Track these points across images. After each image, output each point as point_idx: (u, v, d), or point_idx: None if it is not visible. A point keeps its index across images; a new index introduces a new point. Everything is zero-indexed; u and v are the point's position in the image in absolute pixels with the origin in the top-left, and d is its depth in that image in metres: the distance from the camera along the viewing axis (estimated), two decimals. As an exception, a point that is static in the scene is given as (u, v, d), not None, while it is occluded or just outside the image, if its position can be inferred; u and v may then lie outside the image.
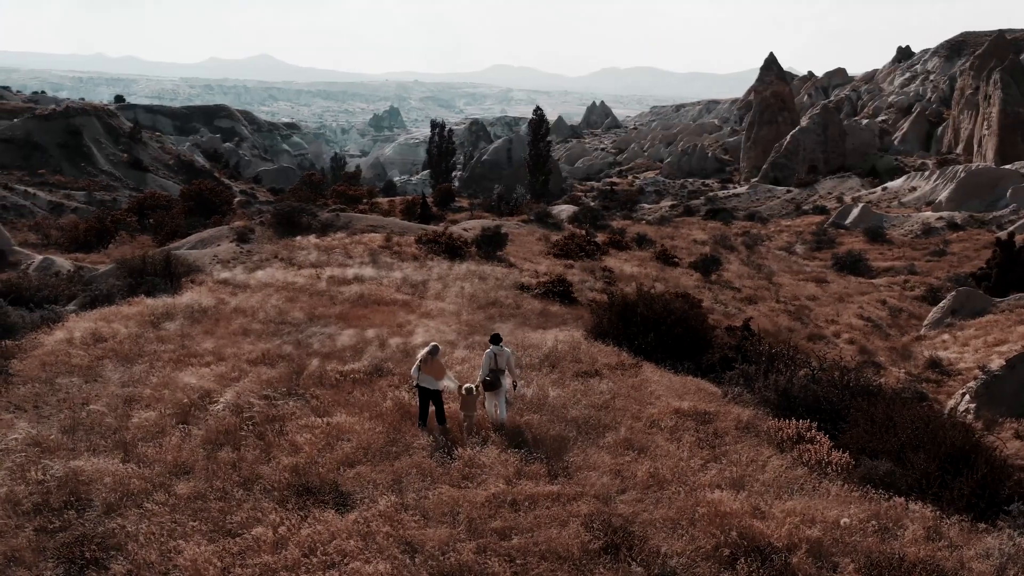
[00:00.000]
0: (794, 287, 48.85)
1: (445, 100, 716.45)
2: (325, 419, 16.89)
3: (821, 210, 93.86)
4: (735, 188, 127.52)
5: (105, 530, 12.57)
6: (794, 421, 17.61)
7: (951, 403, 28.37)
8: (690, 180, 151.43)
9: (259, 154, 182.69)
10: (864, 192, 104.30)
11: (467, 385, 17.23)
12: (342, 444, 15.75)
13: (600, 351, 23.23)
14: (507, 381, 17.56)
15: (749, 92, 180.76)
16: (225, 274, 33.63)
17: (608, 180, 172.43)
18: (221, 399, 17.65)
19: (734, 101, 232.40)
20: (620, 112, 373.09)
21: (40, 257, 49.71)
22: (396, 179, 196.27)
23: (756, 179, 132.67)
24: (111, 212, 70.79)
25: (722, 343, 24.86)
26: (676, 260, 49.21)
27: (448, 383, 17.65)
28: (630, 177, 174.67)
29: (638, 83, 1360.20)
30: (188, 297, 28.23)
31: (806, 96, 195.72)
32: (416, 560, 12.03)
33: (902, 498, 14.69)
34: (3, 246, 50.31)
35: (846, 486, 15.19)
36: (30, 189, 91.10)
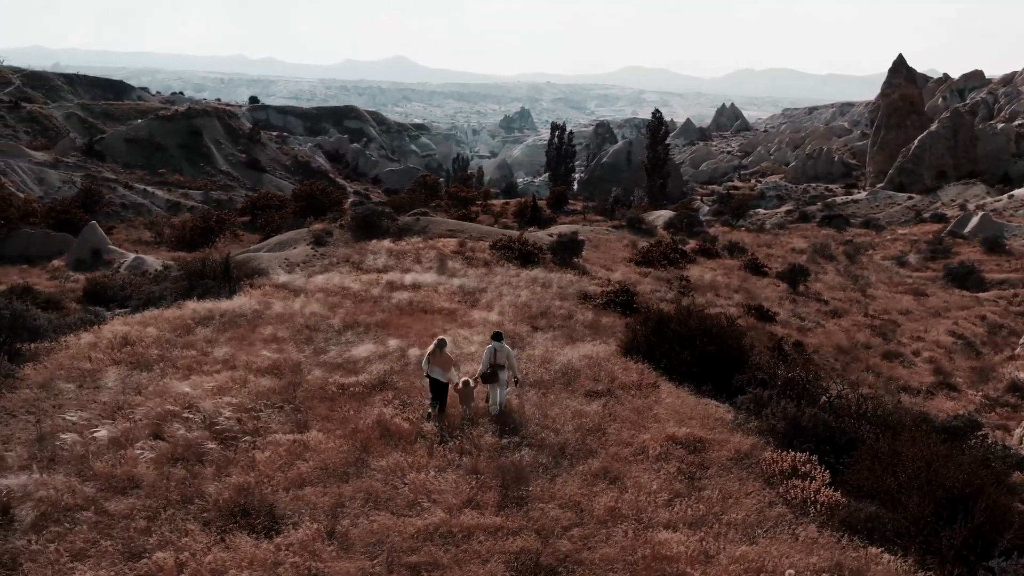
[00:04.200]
0: (888, 300, 46.68)
1: (576, 101, 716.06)
2: (293, 436, 16.45)
3: (940, 218, 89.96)
4: (857, 194, 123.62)
5: (12, 548, 12.34)
6: (791, 453, 16.38)
7: (1018, 432, 26.42)
8: (813, 185, 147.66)
9: (386, 155, 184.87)
10: (989, 200, 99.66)
11: (464, 378, 18.44)
12: (301, 463, 15.29)
13: (623, 368, 22.26)
14: (505, 376, 18.38)
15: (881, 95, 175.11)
16: (285, 278, 33.64)
17: (729, 184, 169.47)
18: (200, 411, 17.33)
19: (868, 103, 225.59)
20: (753, 114, 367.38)
21: (132, 256, 50.95)
22: (521, 180, 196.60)
23: (882, 184, 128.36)
24: (217, 212, 72.22)
25: (756, 363, 23.51)
26: (765, 269, 47.57)
27: (452, 376, 18.32)
28: (752, 181, 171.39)
29: (773, 85, 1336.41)
30: (235, 302, 28.16)
31: (940, 99, 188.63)
32: (312, 596, 11.48)
33: (880, 547, 13.46)
34: (98, 245, 51.67)
35: (822, 530, 14.04)
36: (149, 188, 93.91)
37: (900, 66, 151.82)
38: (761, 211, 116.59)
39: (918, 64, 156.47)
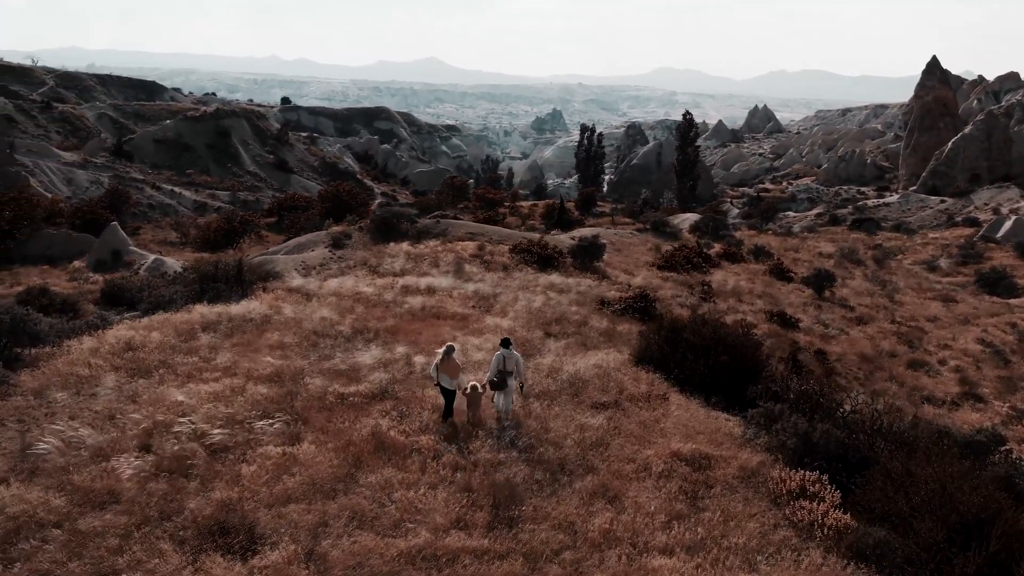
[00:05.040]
0: (916, 306, 45.64)
1: (608, 103, 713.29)
2: (283, 448, 15.89)
3: (973, 222, 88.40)
4: (889, 197, 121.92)
5: (-25, 568, 11.90)
6: (800, 472, 15.63)
7: (1044, 447, 25.49)
8: (845, 188, 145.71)
9: (416, 156, 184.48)
10: (1023, 203, 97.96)
11: (472, 383, 18.33)
12: (288, 477, 14.73)
13: (633, 378, 21.59)
14: (513, 382, 18.29)
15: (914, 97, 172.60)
16: (298, 281, 33.23)
17: (760, 186, 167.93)
18: (192, 421, 16.81)
19: (902, 105, 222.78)
20: (786, 116, 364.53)
21: (152, 257, 50.75)
22: (551, 182, 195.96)
23: (914, 187, 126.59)
24: (241, 213, 72.01)
25: (770, 375, 22.71)
26: (791, 275, 46.70)
27: (461, 381, 18.34)
28: (784, 183, 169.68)
29: (807, 86, 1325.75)
30: (245, 306, 27.75)
31: (975, 101, 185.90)
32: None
33: (890, 576, 12.75)
34: (119, 246, 51.52)
35: (828, 556, 13.32)
36: (177, 188, 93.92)
37: (934, 68, 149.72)
38: (791, 214, 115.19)
39: (954, 65, 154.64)
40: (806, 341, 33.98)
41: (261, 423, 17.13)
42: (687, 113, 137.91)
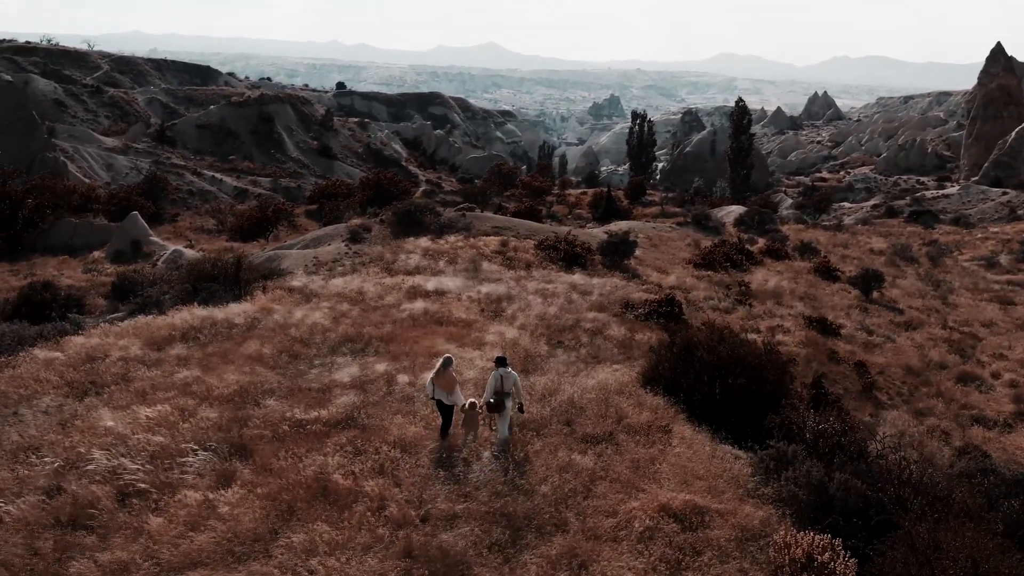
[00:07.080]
0: (971, 309, 42.47)
1: (667, 89, 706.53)
2: (206, 493, 13.70)
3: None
4: (949, 188, 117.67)
5: None
6: (809, 535, 13.08)
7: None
8: (904, 177, 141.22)
9: (470, 142, 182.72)
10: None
11: (471, 400, 17.03)
12: (200, 533, 12.53)
13: (637, 404, 19.08)
14: (510, 405, 16.88)
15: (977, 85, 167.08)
16: (303, 280, 31.25)
17: (817, 175, 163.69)
18: (106, 457, 14.68)
19: (965, 93, 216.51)
20: (847, 103, 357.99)
21: (171, 248, 49.16)
22: (605, 169, 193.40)
23: (976, 178, 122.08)
24: (274, 202, 70.36)
25: (792, 401, 20.10)
26: (838, 273, 43.83)
27: (457, 398, 17.02)
28: (842, 172, 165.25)
29: (870, 73, 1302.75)
30: (234, 309, 25.85)
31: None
32: None
33: None
34: (138, 236, 50.10)
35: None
36: (218, 175, 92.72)
37: (998, 55, 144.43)
38: (847, 204, 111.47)
39: (1021, 52, 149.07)
40: (846, 351, 31.28)
41: (192, 458, 14.98)
42: (740, 100, 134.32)
